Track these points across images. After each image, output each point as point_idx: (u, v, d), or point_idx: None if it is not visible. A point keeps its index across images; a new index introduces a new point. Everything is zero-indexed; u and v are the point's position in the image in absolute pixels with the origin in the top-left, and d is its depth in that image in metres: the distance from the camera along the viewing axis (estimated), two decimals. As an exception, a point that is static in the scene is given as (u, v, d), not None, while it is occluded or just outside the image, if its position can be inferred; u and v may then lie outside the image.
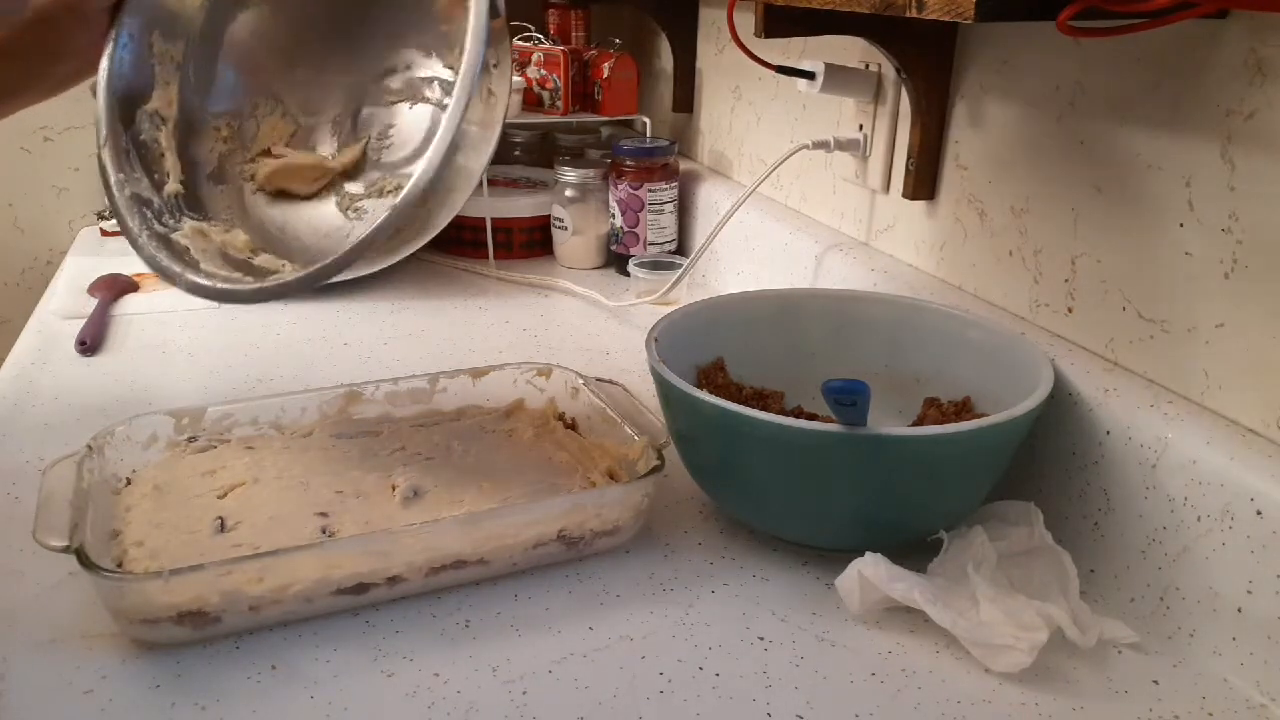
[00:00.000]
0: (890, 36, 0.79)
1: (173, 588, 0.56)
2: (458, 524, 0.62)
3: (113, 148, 0.75)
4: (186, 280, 0.73)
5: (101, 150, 0.75)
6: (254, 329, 1.05)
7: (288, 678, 0.56)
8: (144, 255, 0.74)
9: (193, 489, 0.69)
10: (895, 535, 0.64)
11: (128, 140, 0.76)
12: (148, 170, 0.77)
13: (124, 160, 0.76)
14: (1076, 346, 0.71)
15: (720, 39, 1.24)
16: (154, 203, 0.76)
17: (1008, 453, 0.64)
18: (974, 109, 0.80)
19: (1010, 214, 0.77)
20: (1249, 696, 0.55)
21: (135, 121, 0.76)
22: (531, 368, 0.83)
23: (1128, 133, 0.66)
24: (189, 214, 0.77)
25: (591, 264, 1.30)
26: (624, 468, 0.71)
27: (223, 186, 0.81)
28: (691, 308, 0.79)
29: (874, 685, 0.56)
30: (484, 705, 0.54)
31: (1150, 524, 0.61)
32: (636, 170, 1.20)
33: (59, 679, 0.55)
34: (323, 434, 0.76)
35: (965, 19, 0.55)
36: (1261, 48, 0.57)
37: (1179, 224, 0.63)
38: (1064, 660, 0.57)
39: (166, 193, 0.77)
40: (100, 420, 0.73)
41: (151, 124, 0.77)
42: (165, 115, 0.78)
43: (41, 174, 1.48)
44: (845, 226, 1.01)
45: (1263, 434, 0.58)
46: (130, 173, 0.76)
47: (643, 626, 0.61)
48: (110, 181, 0.75)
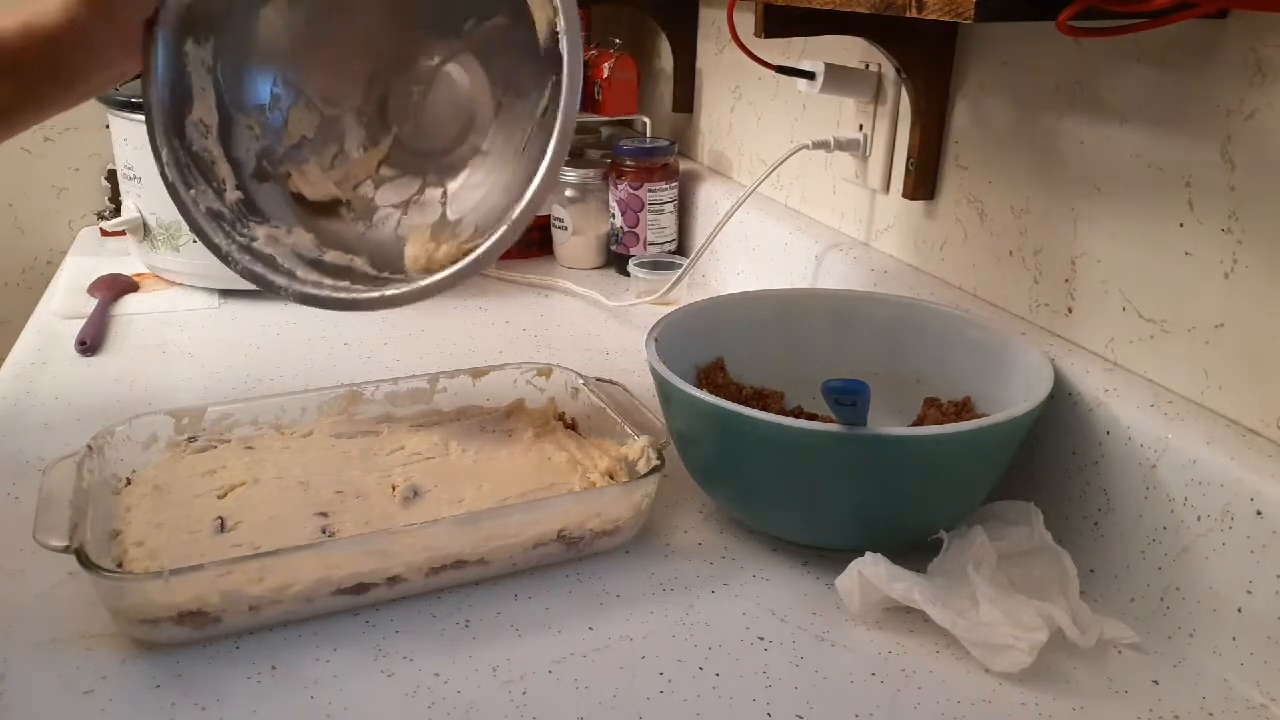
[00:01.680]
0: (890, 36, 0.79)
1: (173, 588, 0.56)
2: (458, 524, 0.62)
3: (174, 164, 0.74)
4: (296, 292, 0.75)
5: (166, 169, 0.74)
6: (254, 329, 1.05)
7: (288, 678, 0.56)
8: (239, 270, 0.75)
9: (193, 489, 0.69)
10: (895, 535, 0.64)
11: (184, 154, 0.75)
12: (208, 181, 0.76)
13: (189, 175, 0.75)
14: (1076, 346, 0.71)
15: (720, 39, 1.24)
16: (225, 214, 0.76)
17: (1008, 453, 0.65)
18: (974, 109, 0.80)
19: (1010, 214, 0.77)
20: (1249, 696, 0.55)
21: (185, 133, 0.75)
22: (531, 368, 0.83)
23: (1128, 133, 0.66)
24: (252, 219, 0.77)
25: (591, 264, 1.30)
26: (624, 468, 0.71)
27: (266, 184, 0.80)
28: (691, 308, 0.79)
29: (874, 685, 0.56)
30: (484, 705, 0.54)
31: (1150, 524, 0.61)
32: (636, 170, 1.20)
33: (59, 679, 0.55)
34: (323, 434, 0.76)
35: (965, 19, 0.55)
36: (1261, 48, 0.57)
37: (1179, 224, 0.63)
38: (1064, 660, 0.57)
39: (229, 201, 0.77)
40: (100, 420, 0.73)
41: (199, 133, 0.76)
42: (209, 122, 0.77)
43: (41, 174, 1.49)
44: (845, 226, 1.01)
45: (1263, 434, 0.58)
46: (198, 186, 0.75)
47: (643, 626, 0.61)
48: (184, 199, 0.75)
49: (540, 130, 0.76)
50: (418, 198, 0.83)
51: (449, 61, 0.82)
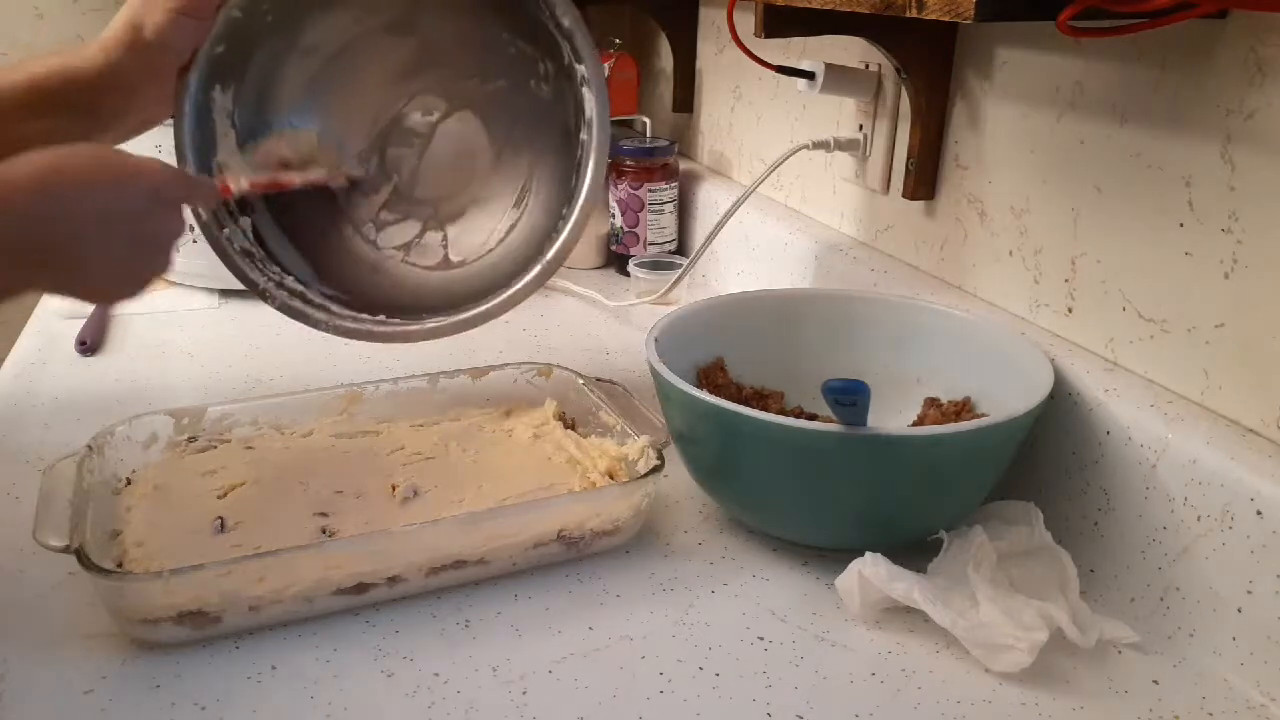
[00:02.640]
0: (890, 36, 0.79)
1: (173, 588, 0.56)
2: (458, 524, 0.62)
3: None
4: (337, 327, 0.80)
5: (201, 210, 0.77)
6: (254, 329, 1.05)
7: (288, 678, 0.56)
8: (278, 306, 0.80)
9: (193, 489, 0.69)
10: (895, 535, 0.64)
11: None
12: (234, 221, 0.80)
13: (221, 215, 0.79)
14: (1076, 346, 0.71)
15: (720, 39, 1.24)
16: (255, 253, 0.80)
17: (1008, 453, 0.64)
18: (974, 109, 0.80)
19: (1010, 214, 0.77)
20: (1249, 696, 0.55)
21: (212, 174, 0.79)
22: (531, 368, 0.83)
23: (1128, 133, 0.66)
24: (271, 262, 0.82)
25: (591, 264, 1.30)
26: (624, 468, 0.71)
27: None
28: (691, 308, 0.79)
29: (874, 685, 0.56)
30: (484, 705, 0.54)
31: (1150, 524, 0.61)
32: (636, 170, 1.20)
33: (59, 679, 0.55)
34: (323, 434, 0.76)
35: (965, 19, 0.55)
36: (1261, 48, 0.57)
37: (1179, 224, 0.63)
38: (1064, 660, 0.57)
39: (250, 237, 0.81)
40: (100, 420, 0.72)
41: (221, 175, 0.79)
42: (230, 164, 0.80)
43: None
44: (845, 226, 1.01)
45: (1263, 434, 0.58)
46: (231, 226, 0.79)
47: (643, 626, 0.61)
48: (219, 239, 0.78)
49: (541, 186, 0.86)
50: (418, 241, 0.88)
51: (449, 117, 0.86)
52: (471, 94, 0.85)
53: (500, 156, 0.87)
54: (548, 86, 0.83)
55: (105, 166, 0.59)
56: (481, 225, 0.88)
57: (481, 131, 0.86)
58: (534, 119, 0.85)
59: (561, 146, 0.83)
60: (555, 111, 0.83)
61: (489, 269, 0.86)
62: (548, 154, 0.85)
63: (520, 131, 0.86)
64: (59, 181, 0.57)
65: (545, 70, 0.83)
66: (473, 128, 0.86)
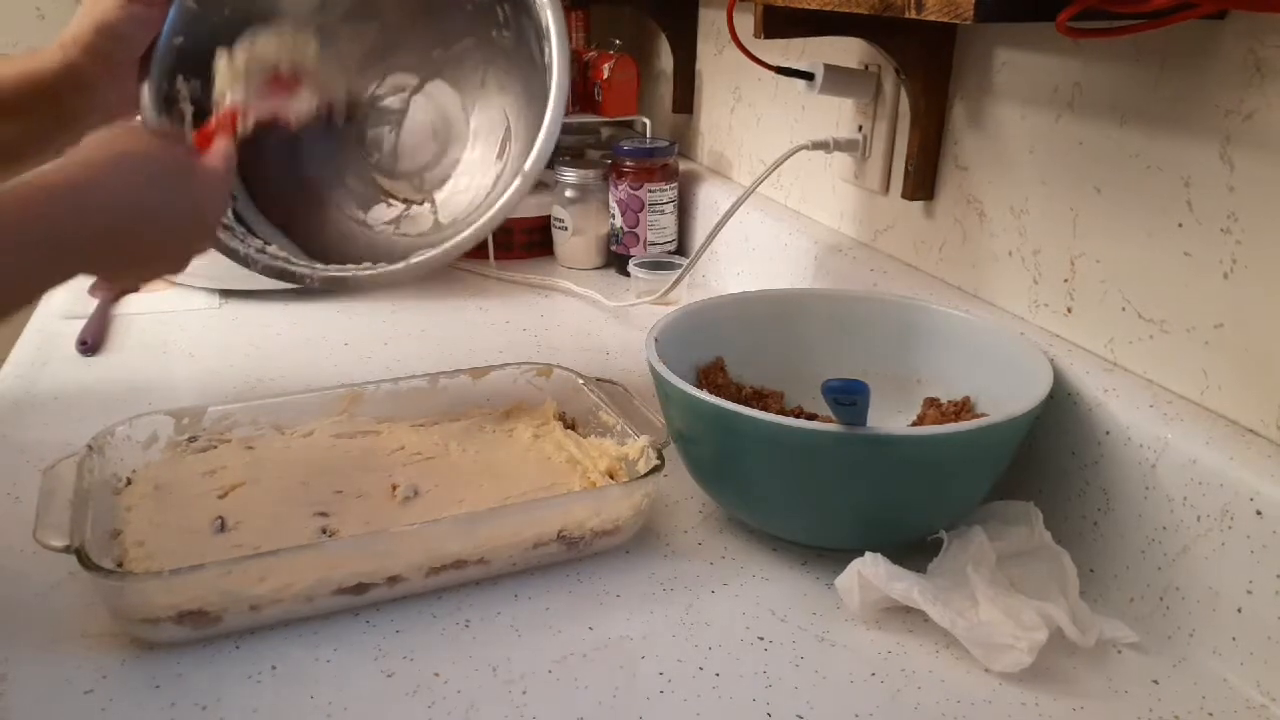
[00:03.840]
0: (889, 37, 0.79)
1: (173, 588, 0.56)
2: (458, 524, 0.62)
3: None
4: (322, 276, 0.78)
5: None
6: (254, 329, 1.05)
7: (288, 678, 0.56)
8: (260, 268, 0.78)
9: (193, 489, 0.69)
10: (895, 535, 0.64)
11: None
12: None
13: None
14: (1076, 346, 0.71)
15: (720, 39, 1.24)
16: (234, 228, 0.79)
17: (1008, 453, 0.65)
18: (973, 109, 0.80)
19: (1009, 214, 0.77)
20: (1249, 696, 0.55)
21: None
22: (531, 368, 0.83)
23: (1128, 133, 0.66)
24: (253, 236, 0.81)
25: (591, 264, 1.30)
26: (624, 468, 0.71)
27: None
28: (691, 308, 0.79)
29: (874, 685, 0.56)
30: (484, 705, 0.54)
31: (1150, 524, 0.61)
32: (636, 171, 1.20)
33: (59, 679, 0.55)
34: (323, 434, 0.76)
35: (964, 19, 0.55)
36: (1261, 48, 0.57)
37: (1179, 224, 0.63)
38: (1064, 660, 0.57)
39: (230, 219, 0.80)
40: (100, 420, 0.72)
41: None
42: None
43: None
44: (845, 227, 1.01)
45: (1263, 434, 0.58)
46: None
47: (643, 626, 0.61)
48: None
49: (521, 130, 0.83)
50: (407, 213, 0.87)
51: (419, 91, 0.86)
52: (439, 62, 0.85)
53: (476, 112, 0.86)
54: (509, 32, 0.82)
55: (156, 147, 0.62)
56: (469, 185, 0.87)
57: (454, 96, 0.86)
58: (503, 66, 0.84)
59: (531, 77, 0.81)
60: (520, 51, 0.82)
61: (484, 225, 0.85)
62: (521, 96, 0.84)
63: (492, 81, 0.85)
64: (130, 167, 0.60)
65: (504, 15, 0.82)
66: (446, 94, 0.86)
